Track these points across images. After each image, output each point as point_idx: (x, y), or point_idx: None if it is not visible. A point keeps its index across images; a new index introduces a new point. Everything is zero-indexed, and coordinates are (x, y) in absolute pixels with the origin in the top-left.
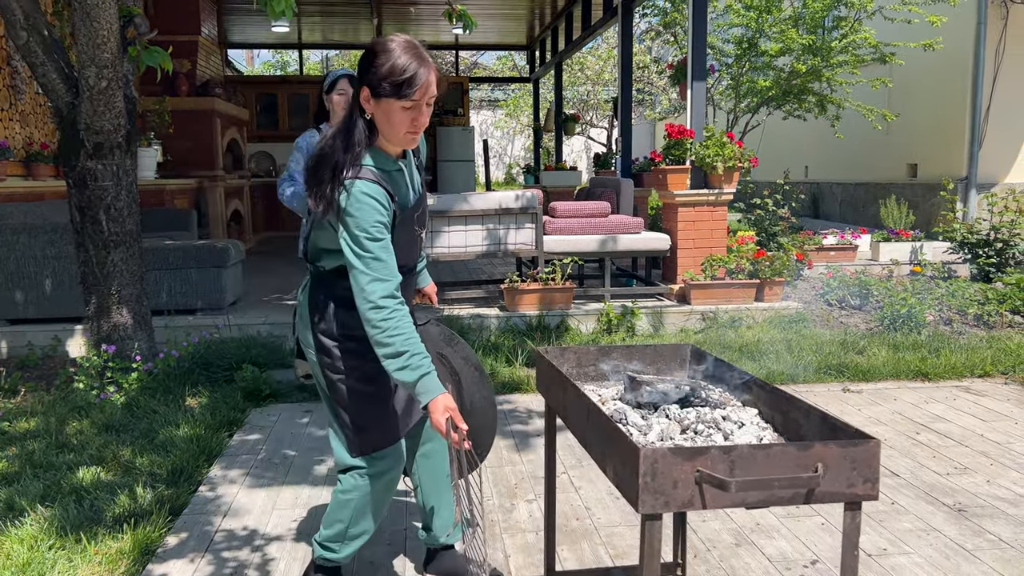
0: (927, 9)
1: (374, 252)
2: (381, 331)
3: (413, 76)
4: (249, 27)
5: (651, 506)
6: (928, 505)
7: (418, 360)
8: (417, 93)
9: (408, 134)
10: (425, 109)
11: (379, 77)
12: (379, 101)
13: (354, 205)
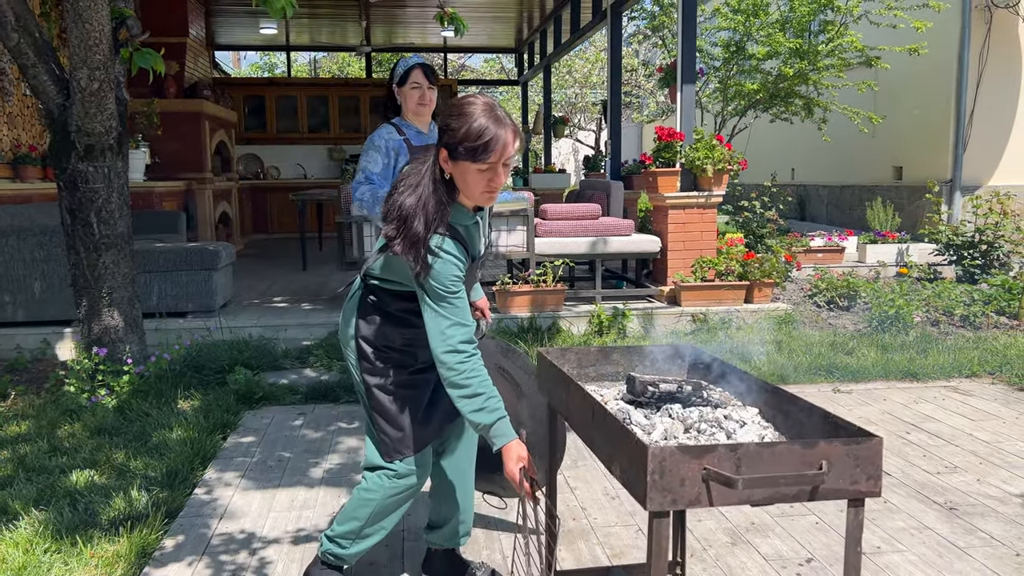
0: (912, 14)
1: (452, 301)
2: (458, 373)
3: (489, 141)
4: (237, 29)
5: (659, 503)
6: (920, 504)
7: (494, 403)
8: (493, 156)
9: (485, 194)
10: (501, 170)
11: (456, 140)
12: (456, 163)
13: (436, 261)
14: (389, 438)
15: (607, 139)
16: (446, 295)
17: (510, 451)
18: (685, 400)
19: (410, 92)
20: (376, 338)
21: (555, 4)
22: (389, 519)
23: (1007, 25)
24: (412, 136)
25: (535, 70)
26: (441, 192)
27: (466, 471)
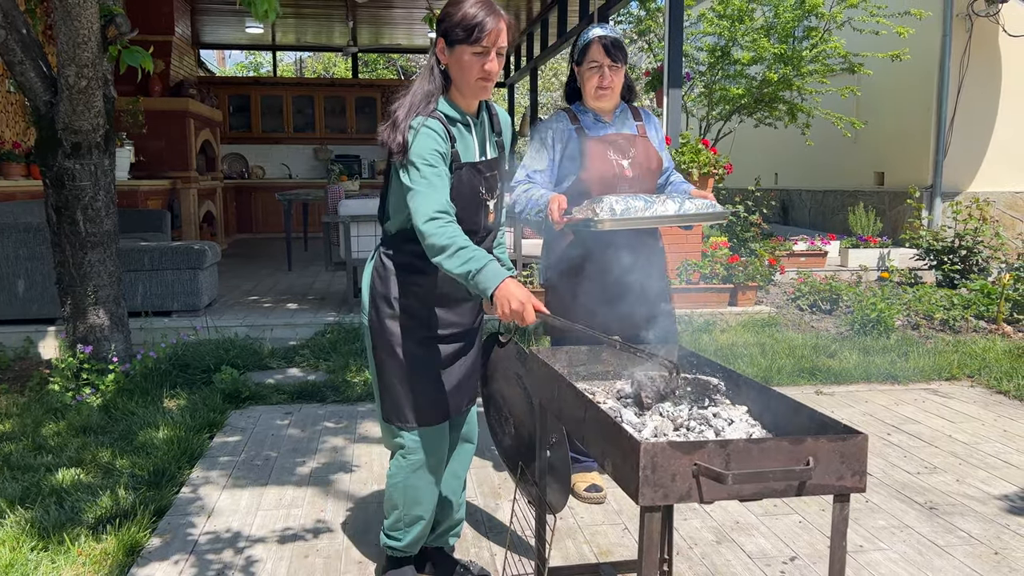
0: (894, 21)
1: (429, 177)
2: (438, 236)
3: (484, 22)
4: (222, 27)
5: (650, 498)
6: (901, 503)
7: (480, 254)
8: (487, 39)
9: (479, 80)
10: (495, 57)
11: (453, 24)
12: (453, 49)
13: (414, 135)
14: (387, 402)
15: None
16: (424, 168)
17: (504, 291)
18: (680, 399)
19: (588, 74)
20: (391, 292)
21: (542, 7)
22: (425, 500)
23: (987, 34)
24: (588, 124)
25: (522, 72)
26: (433, 83)
27: (459, 473)
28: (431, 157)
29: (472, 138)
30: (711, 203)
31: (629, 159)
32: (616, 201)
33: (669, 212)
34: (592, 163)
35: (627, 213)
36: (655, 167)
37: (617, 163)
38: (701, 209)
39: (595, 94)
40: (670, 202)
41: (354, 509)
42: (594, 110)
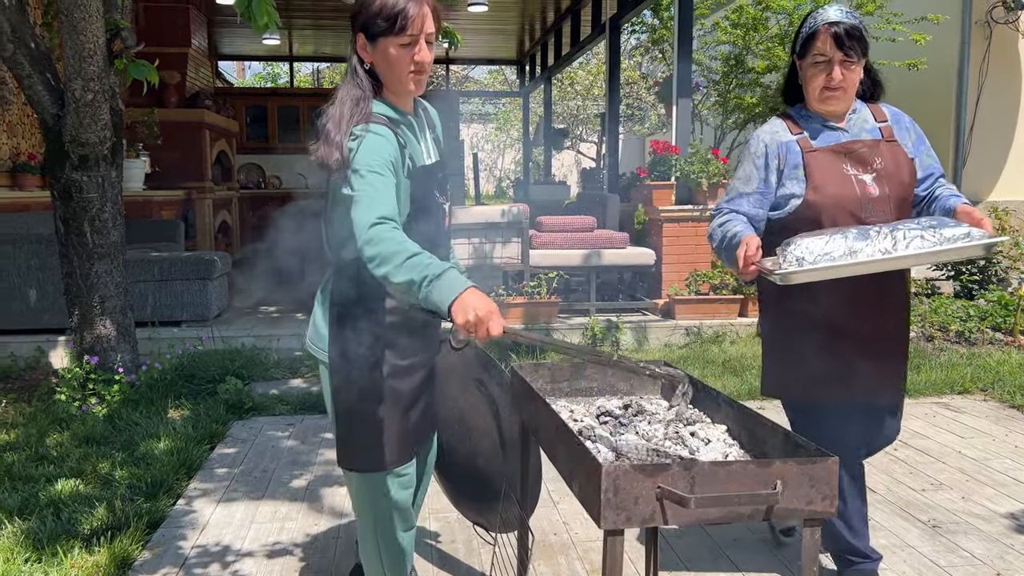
0: (911, 27)
1: (374, 184)
2: (387, 242)
3: (404, 9)
4: (239, 39)
5: (613, 522)
6: (904, 521)
7: (436, 261)
8: (412, 26)
9: (411, 75)
10: (425, 45)
11: (371, 16)
12: (376, 44)
13: (360, 144)
14: (355, 443)
15: (605, 152)
16: (370, 175)
17: (466, 300)
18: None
19: (811, 71)
20: (348, 324)
21: (556, 17)
22: (407, 549)
23: (1007, 40)
24: (814, 131)
25: (536, 82)
26: (360, 86)
27: (419, 501)
28: (378, 165)
29: (417, 140)
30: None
31: (873, 172)
32: (810, 244)
33: (876, 255)
34: (822, 181)
35: (823, 261)
36: (908, 179)
37: (857, 179)
38: (937, 246)
39: (819, 96)
40: (889, 238)
41: (347, 525)
42: (821, 114)
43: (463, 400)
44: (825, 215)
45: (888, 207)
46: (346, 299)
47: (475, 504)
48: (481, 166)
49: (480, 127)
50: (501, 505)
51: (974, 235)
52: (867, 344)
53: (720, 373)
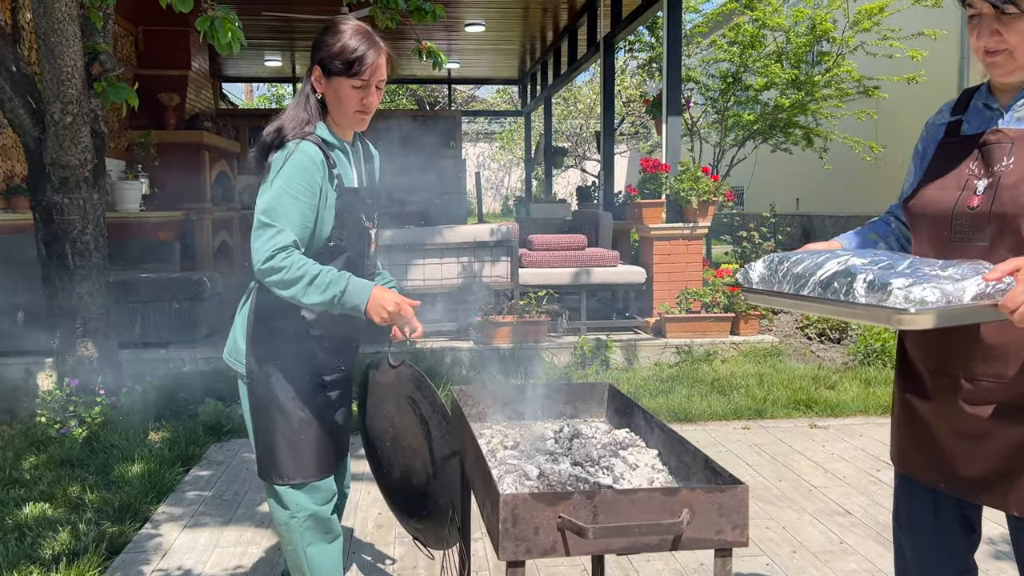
0: (908, 43)
1: (285, 206)
2: (288, 269)
3: (363, 56)
4: (242, 61)
5: (512, 553)
6: (877, 545)
7: (335, 274)
8: (366, 72)
9: (357, 113)
10: (374, 91)
11: (331, 55)
12: (330, 80)
13: (287, 160)
14: (275, 456)
15: (600, 170)
16: (287, 199)
17: (376, 301)
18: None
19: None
20: (269, 337)
21: (554, 36)
22: (336, 566)
23: None
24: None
25: (537, 101)
26: (308, 111)
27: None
28: (299, 189)
29: (350, 165)
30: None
31: (989, 177)
32: (799, 258)
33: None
34: (927, 181)
35: (787, 281)
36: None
37: (969, 184)
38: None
39: (984, 61)
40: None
41: None
42: (993, 88)
43: (397, 418)
44: (915, 225)
45: (985, 229)
46: (266, 314)
47: (412, 520)
48: (488, 184)
49: (486, 146)
50: (448, 524)
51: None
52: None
53: (707, 392)
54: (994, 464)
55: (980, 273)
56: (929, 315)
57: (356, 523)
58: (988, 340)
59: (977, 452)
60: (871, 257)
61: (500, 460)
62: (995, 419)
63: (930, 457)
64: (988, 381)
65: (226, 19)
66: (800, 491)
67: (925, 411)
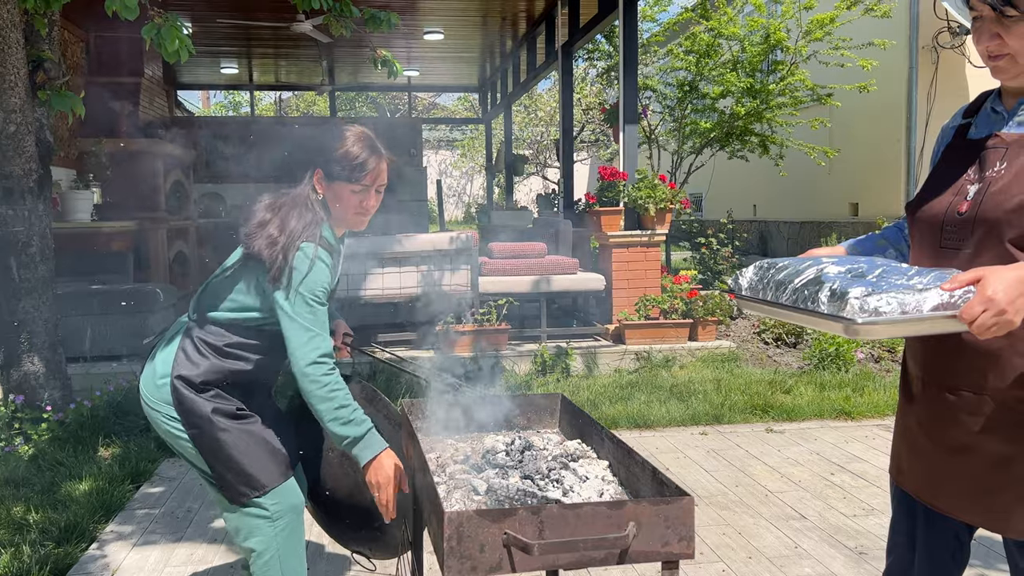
0: (859, 53)
1: (317, 313)
2: (323, 386)
3: (364, 162)
4: (198, 68)
5: (457, 571)
6: (831, 548)
7: (360, 415)
8: (367, 178)
9: (357, 215)
10: (374, 194)
11: (333, 160)
12: (331, 183)
13: (309, 266)
14: (234, 474)
15: (560, 177)
16: (314, 304)
17: (381, 463)
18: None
19: (972, 32)
20: (201, 374)
21: (513, 44)
22: (303, 570)
23: (954, 64)
24: (983, 118)
25: (498, 108)
26: (313, 214)
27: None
28: (322, 294)
29: (338, 263)
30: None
31: (979, 183)
32: (784, 264)
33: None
34: (927, 186)
35: (770, 288)
36: (1016, 204)
37: (963, 189)
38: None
39: (987, 64)
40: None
41: None
42: (1003, 93)
43: None
44: (914, 230)
45: (970, 235)
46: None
47: (357, 534)
48: (449, 192)
49: (448, 153)
50: (402, 534)
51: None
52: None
53: (666, 398)
54: (976, 481)
55: (944, 282)
56: (882, 326)
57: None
58: (969, 350)
59: (960, 467)
60: (851, 264)
61: (449, 475)
62: (977, 433)
63: (920, 471)
64: (969, 393)
65: (173, 27)
66: (756, 496)
67: (916, 422)
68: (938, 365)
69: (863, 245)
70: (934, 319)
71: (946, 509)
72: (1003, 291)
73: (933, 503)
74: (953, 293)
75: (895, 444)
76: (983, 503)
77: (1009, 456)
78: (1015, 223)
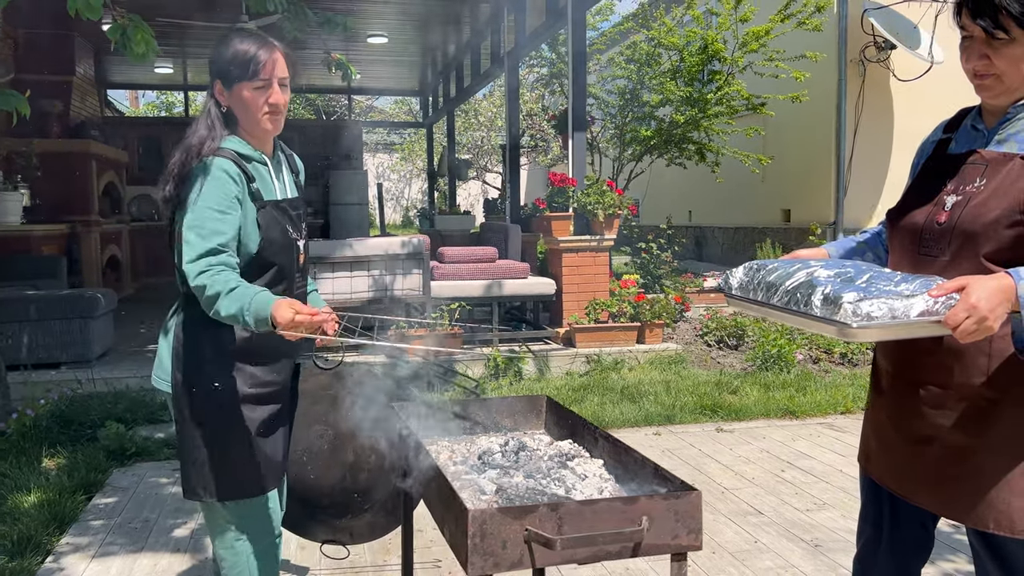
0: (792, 64)
1: (212, 224)
2: (210, 286)
3: (256, 55)
4: (131, 67)
5: (480, 568)
6: (788, 542)
7: (246, 288)
8: (264, 71)
9: (267, 116)
10: (279, 88)
11: (224, 63)
12: (232, 89)
13: (204, 178)
14: (197, 470)
15: (506, 182)
16: (212, 213)
17: (279, 306)
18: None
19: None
20: (195, 351)
21: (456, 50)
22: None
23: (879, 78)
24: (963, 130)
25: (439, 113)
26: (210, 128)
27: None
28: (214, 200)
29: (270, 177)
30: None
31: (959, 195)
32: (775, 266)
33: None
34: (906, 198)
35: (761, 289)
36: (999, 213)
37: (940, 200)
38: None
39: (973, 83)
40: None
41: None
42: (983, 111)
43: (337, 418)
44: (893, 237)
45: (948, 244)
46: (194, 331)
47: (338, 521)
48: (388, 196)
49: (386, 156)
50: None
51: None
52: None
53: (618, 400)
54: (938, 470)
55: (929, 289)
56: (874, 330)
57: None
58: (937, 348)
59: (924, 457)
60: (838, 268)
61: (453, 475)
62: (940, 426)
63: (887, 460)
64: (935, 387)
65: (139, 28)
66: (713, 494)
67: (885, 414)
68: (907, 361)
69: (845, 248)
70: (921, 324)
71: (909, 496)
72: (985, 299)
73: (898, 490)
74: (938, 300)
75: (864, 434)
76: (944, 492)
77: (970, 448)
78: (991, 236)
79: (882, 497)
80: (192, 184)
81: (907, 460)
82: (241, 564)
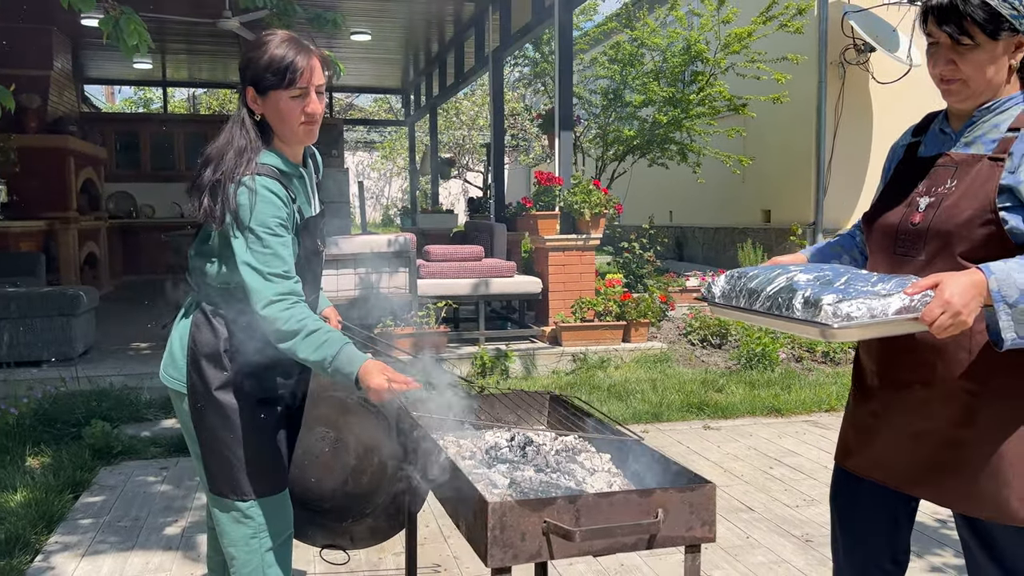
0: (773, 66)
1: (273, 248)
2: (286, 320)
3: (295, 61)
4: (109, 62)
5: (500, 559)
6: (780, 538)
7: (335, 335)
8: (302, 79)
9: (303, 125)
10: (315, 96)
11: (259, 70)
12: (266, 97)
13: (252, 199)
14: (225, 471)
15: (491, 181)
16: (268, 238)
17: (369, 369)
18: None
19: (926, 55)
20: (215, 350)
21: (440, 48)
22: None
23: (859, 80)
24: (932, 134)
25: (422, 111)
26: (246, 137)
27: None
28: (275, 226)
29: (307, 191)
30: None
31: (932, 196)
32: (755, 273)
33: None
34: (880, 201)
35: (743, 295)
36: (972, 213)
37: (914, 202)
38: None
39: (939, 88)
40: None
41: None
42: (950, 115)
43: (340, 419)
44: (870, 239)
45: (923, 245)
46: (214, 326)
47: (340, 525)
48: (368, 194)
49: (366, 155)
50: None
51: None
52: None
53: (605, 398)
54: (929, 460)
55: (905, 287)
56: (854, 329)
57: None
58: (919, 346)
59: (915, 449)
60: (817, 272)
61: (464, 470)
62: (929, 420)
63: (871, 452)
64: (920, 385)
65: (131, 20)
66: None
67: (871, 412)
68: (891, 361)
69: (822, 252)
70: (899, 321)
71: (898, 485)
72: (958, 295)
73: (885, 481)
74: (913, 297)
75: (843, 431)
76: (934, 480)
77: (960, 439)
78: (965, 236)
79: (862, 492)
80: (240, 205)
81: (897, 453)
82: (255, 562)
